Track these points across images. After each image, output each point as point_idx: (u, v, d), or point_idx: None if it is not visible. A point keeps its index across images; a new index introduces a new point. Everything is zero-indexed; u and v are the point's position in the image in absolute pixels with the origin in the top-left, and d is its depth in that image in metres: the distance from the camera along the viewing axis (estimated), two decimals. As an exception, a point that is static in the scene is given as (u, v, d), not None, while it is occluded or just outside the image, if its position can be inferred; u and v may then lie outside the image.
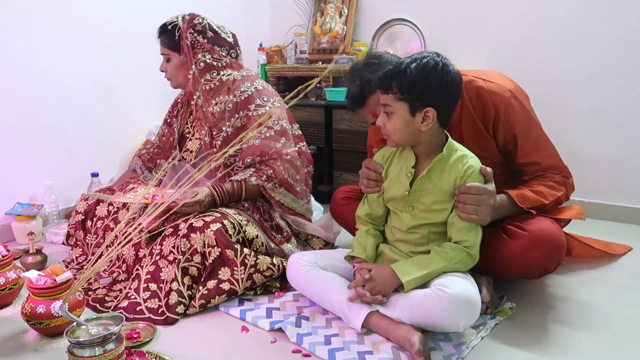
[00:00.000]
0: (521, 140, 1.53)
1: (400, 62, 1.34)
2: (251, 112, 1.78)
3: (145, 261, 1.60)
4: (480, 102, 1.53)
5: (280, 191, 1.75)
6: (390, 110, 1.35)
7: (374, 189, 1.49)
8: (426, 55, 1.34)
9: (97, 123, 2.43)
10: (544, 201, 1.49)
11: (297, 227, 1.85)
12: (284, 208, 1.79)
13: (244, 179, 1.72)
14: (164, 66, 1.91)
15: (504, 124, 1.53)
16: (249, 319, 1.47)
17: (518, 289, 1.62)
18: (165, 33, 1.86)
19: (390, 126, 1.37)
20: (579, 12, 2.33)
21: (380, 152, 1.52)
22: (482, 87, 1.53)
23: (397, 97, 1.33)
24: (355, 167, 2.59)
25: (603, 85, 2.32)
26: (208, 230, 1.54)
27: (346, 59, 2.80)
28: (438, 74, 1.31)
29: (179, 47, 1.84)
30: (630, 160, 2.32)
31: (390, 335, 1.31)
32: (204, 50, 1.83)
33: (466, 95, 1.54)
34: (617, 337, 1.38)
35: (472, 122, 1.55)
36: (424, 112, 1.33)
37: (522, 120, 1.53)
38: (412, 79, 1.31)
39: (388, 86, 1.34)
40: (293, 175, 1.79)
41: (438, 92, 1.32)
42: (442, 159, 1.38)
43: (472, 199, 1.33)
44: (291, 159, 1.79)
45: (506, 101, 1.51)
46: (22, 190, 2.21)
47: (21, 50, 2.13)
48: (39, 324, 1.34)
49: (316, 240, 1.87)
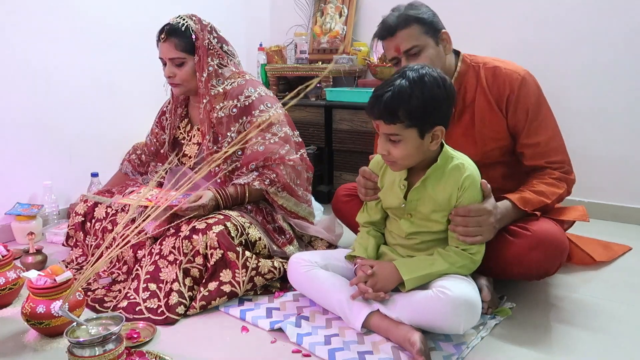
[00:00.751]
0: (531, 115, 1.56)
1: (398, 87, 1.26)
2: (255, 118, 1.76)
3: (144, 261, 1.60)
4: (496, 81, 1.58)
5: (283, 195, 1.75)
6: (399, 138, 1.29)
7: (372, 197, 1.49)
8: (421, 73, 1.27)
9: (97, 123, 2.43)
10: (546, 201, 1.49)
11: (300, 229, 1.84)
12: (287, 211, 1.78)
13: (247, 183, 1.71)
14: (172, 71, 1.79)
15: (516, 100, 1.56)
16: (249, 319, 1.47)
17: (518, 289, 1.62)
18: (178, 35, 1.76)
19: (398, 153, 1.31)
20: (580, 12, 2.33)
21: (376, 159, 1.50)
22: (498, 67, 1.60)
23: (405, 125, 1.27)
24: (356, 167, 2.59)
25: (603, 85, 2.32)
26: (210, 232, 1.54)
27: (346, 59, 2.80)
28: (442, 91, 1.28)
29: (194, 50, 1.77)
30: (630, 160, 2.32)
31: (391, 335, 1.31)
32: (215, 53, 1.81)
33: (483, 75, 1.60)
34: (617, 337, 1.38)
35: (486, 100, 1.58)
36: (432, 132, 1.30)
37: (534, 98, 1.57)
38: (420, 103, 1.25)
39: (394, 116, 1.26)
40: (294, 180, 1.78)
41: (446, 109, 1.31)
42: (436, 168, 1.35)
43: (474, 221, 1.32)
44: (294, 164, 1.78)
45: (521, 79, 1.57)
46: (22, 190, 2.21)
47: (21, 50, 2.13)
48: (39, 324, 1.34)
49: (319, 242, 1.87)
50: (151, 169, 2.04)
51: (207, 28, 1.80)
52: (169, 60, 1.79)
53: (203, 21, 1.81)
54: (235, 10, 3.07)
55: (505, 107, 1.57)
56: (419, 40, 1.53)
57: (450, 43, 1.59)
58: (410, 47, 1.53)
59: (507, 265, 1.46)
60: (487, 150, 1.59)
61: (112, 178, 2.13)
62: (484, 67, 1.61)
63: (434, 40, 1.55)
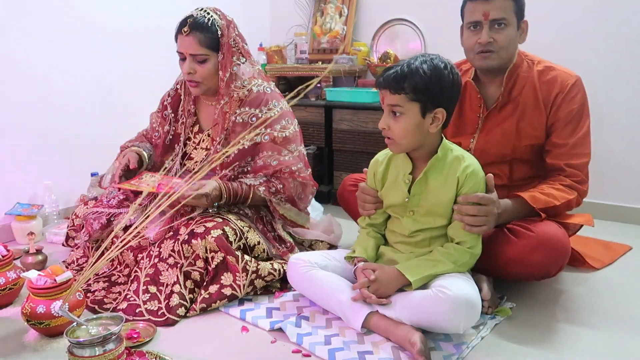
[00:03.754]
0: (571, 117, 1.57)
1: (407, 63, 1.32)
2: (276, 132, 1.71)
3: (143, 263, 1.59)
4: (547, 79, 1.60)
5: (285, 206, 1.73)
6: (401, 110, 1.33)
7: (369, 212, 1.51)
8: (432, 56, 1.34)
9: (97, 123, 2.43)
10: (555, 202, 1.49)
11: (299, 236, 1.84)
12: (287, 221, 1.77)
13: (253, 185, 1.67)
14: (193, 67, 1.66)
15: (563, 99, 1.57)
16: (249, 319, 1.47)
17: (518, 288, 1.62)
18: (202, 30, 1.64)
19: (398, 128, 1.34)
20: (580, 12, 2.33)
21: (370, 171, 1.52)
22: (553, 67, 1.62)
23: (409, 97, 1.31)
24: (356, 167, 2.60)
25: (604, 85, 2.32)
26: (209, 236, 1.53)
27: (346, 59, 2.80)
28: (449, 75, 1.32)
29: (218, 46, 1.67)
30: (630, 160, 2.32)
31: (391, 335, 1.31)
32: (238, 52, 1.72)
33: (536, 70, 1.60)
34: (617, 337, 1.38)
35: (534, 96, 1.60)
36: (434, 113, 1.32)
37: (579, 102, 1.58)
38: (426, 79, 1.30)
39: (400, 86, 1.31)
40: (299, 195, 1.76)
41: (449, 93, 1.33)
42: (437, 160, 1.37)
43: (479, 209, 1.33)
44: (303, 181, 1.75)
45: (574, 81, 1.58)
46: (22, 190, 2.21)
47: (21, 50, 2.13)
48: (39, 324, 1.34)
49: (320, 245, 1.87)
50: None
51: (232, 25, 1.72)
52: (190, 55, 1.66)
53: (227, 16, 1.73)
54: (235, 10, 3.05)
55: (551, 104, 1.58)
56: (510, 15, 1.53)
57: (526, 34, 1.60)
58: (500, 17, 1.52)
59: (507, 265, 1.46)
60: (520, 146, 1.61)
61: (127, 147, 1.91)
62: (538, 64, 1.62)
63: (517, 23, 1.56)
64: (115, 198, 1.84)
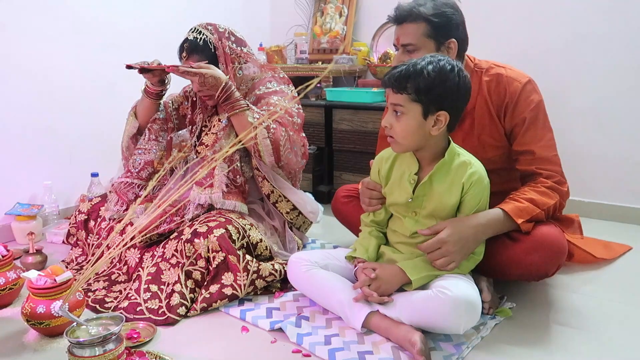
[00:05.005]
0: (527, 123, 1.54)
1: (414, 63, 1.32)
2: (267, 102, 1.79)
3: (146, 262, 1.60)
4: (497, 87, 1.57)
5: (265, 143, 1.71)
6: (402, 110, 1.32)
7: (375, 207, 1.50)
8: (440, 58, 1.32)
9: (97, 123, 2.43)
10: (536, 209, 1.45)
11: (282, 191, 1.78)
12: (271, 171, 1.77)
13: (251, 108, 1.71)
14: (200, 86, 1.70)
15: (515, 107, 1.55)
16: (249, 319, 1.47)
17: (518, 289, 1.62)
18: (198, 51, 1.74)
19: (400, 127, 1.33)
20: (581, 12, 2.33)
21: (375, 167, 1.51)
22: (501, 74, 1.59)
23: (411, 97, 1.30)
24: (356, 167, 2.60)
25: (604, 84, 2.32)
26: (211, 236, 1.54)
27: (346, 59, 2.80)
28: (455, 78, 1.30)
29: (216, 59, 1.76)
30: (630, 160, 2.32)
31: (391, 335, 1.31)
32: (237, 57, 1.81)
33: (484, 81, 1.58)
34: (617, 337, 1.38)
35: (486, 107, 1.58)
36: (436, 116, 1.31)
37: (531, 106, 1.55)
38: (429, 80, 1.28)
39: (402, 86, 1.31)
40: (285, 144, 1.74)
41: (453, 96, 1.31)
42: (444, 164, 1.36)
43: (437, 254, 1.33)
44: (294, 136, 1.78)
45: (522, 86, 1.55)
46: (22, 190, 2.21)
47: (21, 50, 2.13)
48: (39, 324, 1.34)
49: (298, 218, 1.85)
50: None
51: (225, 35, 1.79)
52: None
53: (219, 28, 1.79)
54: (235, 10, 3.07)
55: (503, 114, 1.57)
56: (418, 40, 1.53)
57: (454, 54, 1.56)
58: (407, 42, 1.54)
59: (506, 268, 1.46)
60: (489, 157, 1.57)
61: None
62: (486, 73, 1.60)
63: (435, 45, 1.54)
64: (144, 170, 1.87)
